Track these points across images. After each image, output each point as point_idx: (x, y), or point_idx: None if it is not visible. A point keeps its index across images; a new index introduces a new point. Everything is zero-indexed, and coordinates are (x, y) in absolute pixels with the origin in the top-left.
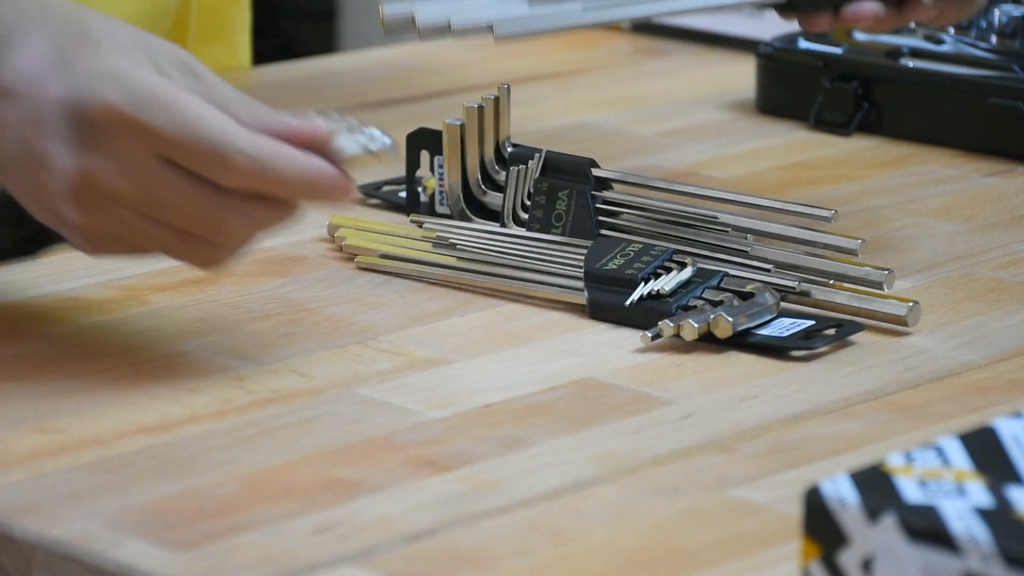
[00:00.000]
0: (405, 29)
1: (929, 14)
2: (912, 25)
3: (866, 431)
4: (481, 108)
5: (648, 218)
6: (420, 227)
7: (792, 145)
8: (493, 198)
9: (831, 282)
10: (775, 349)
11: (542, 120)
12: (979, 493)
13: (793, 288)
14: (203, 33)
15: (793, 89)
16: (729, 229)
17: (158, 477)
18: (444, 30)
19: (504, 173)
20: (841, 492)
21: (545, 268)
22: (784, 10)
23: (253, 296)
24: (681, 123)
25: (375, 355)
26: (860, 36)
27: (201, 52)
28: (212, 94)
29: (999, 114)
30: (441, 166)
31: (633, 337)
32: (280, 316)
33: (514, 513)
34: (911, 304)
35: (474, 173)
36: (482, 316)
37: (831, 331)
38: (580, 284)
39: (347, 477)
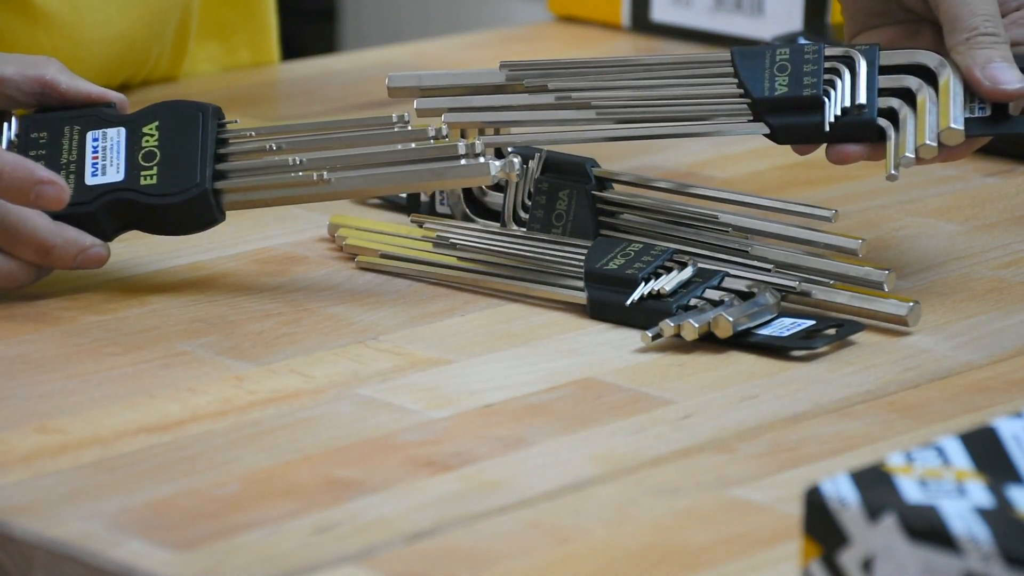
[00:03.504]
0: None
1: (936, 160)
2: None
3: (866, 431)
4: None
5: (648, 218)
6: (420, 227)
7: None
8: (493, 198)
9: (831, 282)
10: (775, 349)
11: None
12: (979, 493)
13: (793, 288)
14: (203, 32)
15: None
16: (729, 229)
17: (158, 477)
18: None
19: None
20: (841, 492)
21: (545, 268)
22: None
23: (253, 296)
24: None
25: (375, 355)
26: None
27: (201, 51)
28: None
29: None
30: None
31: (633, 337)
32: (280, 316)
33: (514, 513)
34: (911, 304)
35: None
36: (482, 316)
37: (831, 331)
38: (580, 284)
39: (347, 477)
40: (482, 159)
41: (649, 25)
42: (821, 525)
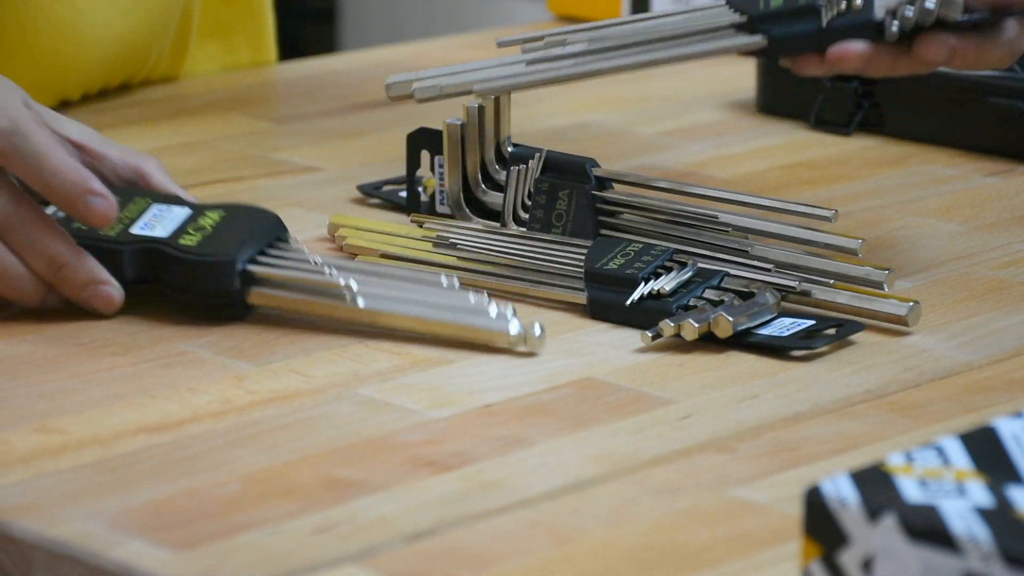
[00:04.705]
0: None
1: (938, 53)
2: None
3: (866, 431)
4: (481, 108)
5: (648, 218)
6: (420, 227)
7: (792, 145)
8: (493, 198)
9: (831, 282)
10: (775, 349)
11: (542, 120)
12: (979, 493)
13: (793, 288)
14: (203, 32)
15: (793, 89)
16: (729, 229)
17: (158, 477)
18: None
19: (504, 173)
20: (841, 492)
21: (545, 268)
22: (770, 57)
23: None
24: (681, 123)
25: (375, 355)
26: None
27: (201, 51)
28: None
29: (999, 114)
30: (441, 166)
31: (633, 337)
32: (280, 316)
33: (514, 513)
34: (911, 304)
35: (474, 173)
36: None
37: (831, 331)
38: (580, 284)
39: (347, 477)
40: (510, 319)
41: None
42: (821, 525)
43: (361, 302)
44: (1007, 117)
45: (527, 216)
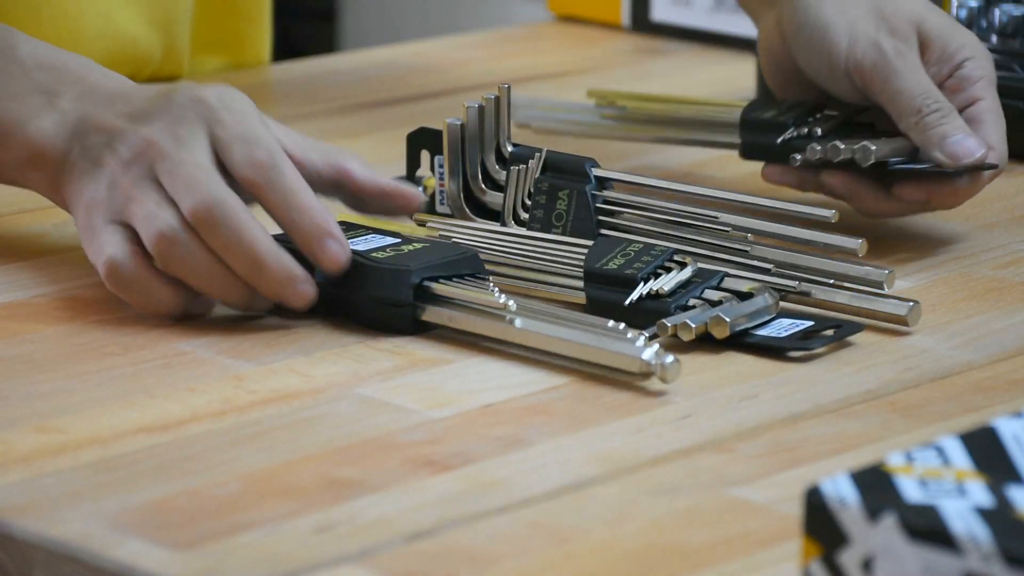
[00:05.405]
0: None
1: (913, 193)
2: None
3: (866, 431)
4: (481, 108)
5: (648, 218)
6: (420, 227)
7: None
8: (493, 198)
9: (831, 282)
10: (773, 350)
11: None
12: (979, 493)
13: (793, 288)
14: (204, 34)
15: None
16: (729, 229)
17: (158, 477)
18: None
19: (504, 173)
20: (841, 492)
21: (545, 268)
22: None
23: None
24: None
25: (375, 355)
26: None
27: (201, 53)
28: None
29: None
30: (441, 166)
31: None
32: (280, 316)
33: (514, 513)
34: (911, 304)
35: (474, 173)
36: None
37: (829, 332)
38: (580, 284)
39: (347, 477)
40: (644, 348)
41: (649, 25)
42: (821, 525)
43: (518, 322)
44: (1007, 117)
45: (527, 216)
